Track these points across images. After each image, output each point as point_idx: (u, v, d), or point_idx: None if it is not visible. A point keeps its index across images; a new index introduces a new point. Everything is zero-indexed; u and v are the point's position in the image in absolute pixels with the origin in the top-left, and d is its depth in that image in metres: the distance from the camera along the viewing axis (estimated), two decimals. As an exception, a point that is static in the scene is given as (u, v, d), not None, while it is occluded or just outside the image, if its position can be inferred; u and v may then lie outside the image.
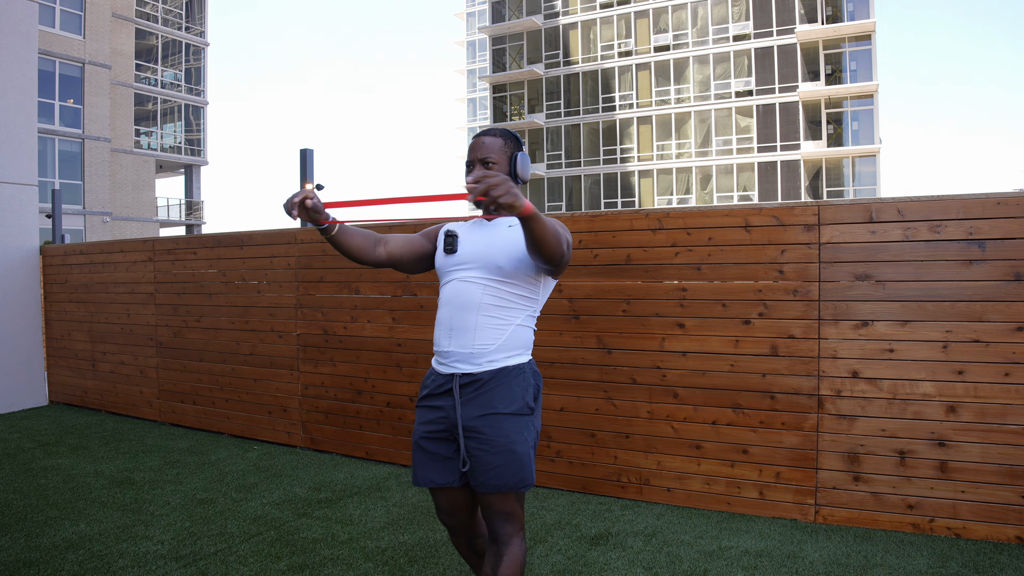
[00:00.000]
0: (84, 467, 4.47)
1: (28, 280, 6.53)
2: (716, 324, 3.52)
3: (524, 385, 2.02)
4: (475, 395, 1.99)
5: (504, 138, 2.11)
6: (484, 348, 1.99)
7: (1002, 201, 3.03)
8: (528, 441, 2.01)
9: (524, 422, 2.00)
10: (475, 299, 2.01)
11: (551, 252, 1.83)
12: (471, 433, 1.98)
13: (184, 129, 31.96)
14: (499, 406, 1.97)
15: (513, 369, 2.01)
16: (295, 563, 2.98)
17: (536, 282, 2.06)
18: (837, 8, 30.53)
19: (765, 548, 3.06)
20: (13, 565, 2.96)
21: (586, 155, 35.04)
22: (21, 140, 6.38)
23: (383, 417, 4.50)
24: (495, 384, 1.98)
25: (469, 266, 2.05)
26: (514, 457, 1.97)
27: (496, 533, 2.03)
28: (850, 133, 30.63)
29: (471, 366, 1.99)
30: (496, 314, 2.00)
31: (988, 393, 3.04)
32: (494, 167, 2.06)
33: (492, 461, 1.96)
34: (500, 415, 1.97)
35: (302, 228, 4.92)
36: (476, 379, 1.99)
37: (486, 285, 2.01)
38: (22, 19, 6.45)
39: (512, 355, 2.02)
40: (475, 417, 1.98)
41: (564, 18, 35.54)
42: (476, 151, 2.09)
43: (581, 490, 3.86)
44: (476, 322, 1.99)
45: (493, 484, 1.96)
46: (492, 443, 1.96)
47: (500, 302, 2.01)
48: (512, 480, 1.97)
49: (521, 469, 1.98)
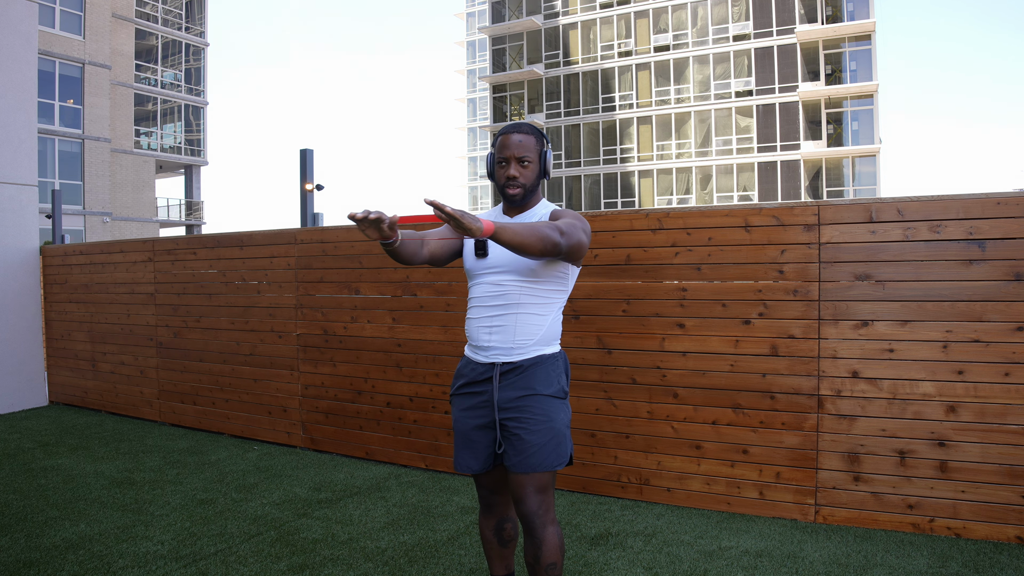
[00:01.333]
0: (84, 467, 4.47)
1: (28, 280, 6.53)
2: (716, 324, 3.52)
3: (559, 371, 2.15)
4: (515, 379, 2.11)
5: (535, 136, 2.19)
6: (525, 343, 2.12)
7: (1002, 201, 3.03)
8: (564, 420, 2.14)
9: (561, 404, 2.14)
10: (513, 300, 2.12)
11: (538, 253, 1.93)
12: (512, 414, 2.10)
13: (184, 129, 31.97)
14: (539, 388, 2.10)
15: (549, 357, 2.14)
16: (295, 563, 2.98)
17: (565, 274, 2.17)
18: (837, 8, 30.53)
19: (765, 548, 3.06)
20: (13, 565, 2.96)
21: (586, 155, 35.04)
22: (21, 140, 6.38)
23: (383, 417, 4.50)
24: (533, 370, 2.11)
25: (501, 269, 2.14)
26: (553, 434, 2.08)
27: (530, 523, 2.10)
28: (850, 133, 30.63)
29: (512, 356, 2.12)
30: (534, 311, 2.13)
31: (988, 393, 3.04)
32: (529, 166, 2.16)
33: (533, 440, 2.07)
34: (540, 395, 2.09)
35: (302, 228, 4.92)
36: (517, 366, 2.12)
37: (522, 286, 2.12)
38: (22, 19, 6.45)
39: (549, 345, 2.16)
40: (516, 398, 2.10)
41: (564, 18, 35.54)
42: (511, 149, 2.15)
43: (581, 490, 3.86)
44: (516, 320, 2.12)
45: (533, 463, 2.06)
46: (533, 421, 2.08)
47: (537, 299, 2.13)
48: (551, 457, 2.08)
49: (559, 446, 2.10)
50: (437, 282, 4.29)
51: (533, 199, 2.22)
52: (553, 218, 2.14)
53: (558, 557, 2.11)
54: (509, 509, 2.29)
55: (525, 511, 2.10)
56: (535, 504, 2.08)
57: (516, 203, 2.18)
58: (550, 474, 2.10)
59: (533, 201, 2.22)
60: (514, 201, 2.17)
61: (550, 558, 2.09)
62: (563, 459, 2.11)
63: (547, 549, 2.09)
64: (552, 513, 2.12)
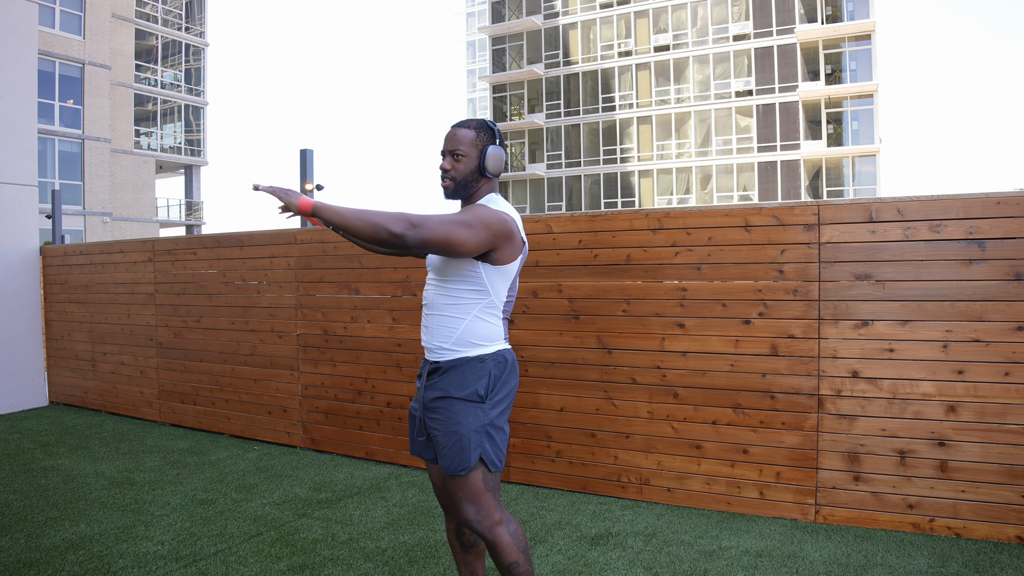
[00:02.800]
0: (84, 467, 4.47)
1: (28, 281, 6.53)
2: (716, 324, 3.52)
3: (478, 375, 2.09)
4: (436, 380, 2.13)
5: (478, 130, 2.14)
6: (442, 344, 2.11)
7: (1002, 201, 3.03)
8: (471, 425, 2.06)
9: (473, 408, 2.08)
10: (430, 300, 2.16)
11: (369, 238, 1.91)
12: (429, 415, 2.13)
13: (184, 129, 31.95)
14: (451, 391, 2.08)
15: (473, 359, 2.09)
16: (295, 563, 2.98)
17: (476, 273, 2.09)
18: (837, 8, 30.52)
19: (765, 548, 3.06)
20: (13, 565, 2.96)
21: (586, 155, 35.03)
22: (21, 140, 6.38)
23: (383, 417, 4.50)
24: (452, 372, 2.10)
25: (429, 267, 2.20)
26: (457, 438, 2.05)
27: (475, 529, 2.07)
28: (850, 133, 30.62)
29: (435, 356, 2.15)
30: (448, 312, 2.11)
31: (988, 393, 3.04)
32: (462, 159, 2.12)
33: (441, 442, 2.08)
34: (451, 398, 2.08)
35: (302, 228, 4.92)
36: (438, 367, 2.14)
37: (436, 286, 2.15)
38: (22, 19, 6.45)
39: (471, 347, 2.10)
40: (433, 399, 2.12)
41: (564, 18, 35.53)
42: (447, 142, 2.15)
43: (581, 490, 3.86)
44: (433, 322, 2.14)
45: (443, 465, 2.08)
46: (441, 423, 2.08)
47: (449, 300, 2.11)
48: (453, 461, 2.05)
49: (461, 451, 2.05)
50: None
51: (475, 196, 2.15)
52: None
53: (517, 555, 2.04)
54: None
55: (464, 519, 2.07)
56: (471, 512, 2.05)
57: (449, 197, 2.14)
58: (479, 476, 2.05)
59: (475, 198, 2.15)
60: (447, 195, 2.13)
61: (508, 558, 2.04)
62: (465, 464, 2.03)
63: (502, 551, 2.04)
64: (495, 515, 2.06)
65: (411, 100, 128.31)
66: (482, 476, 2.06)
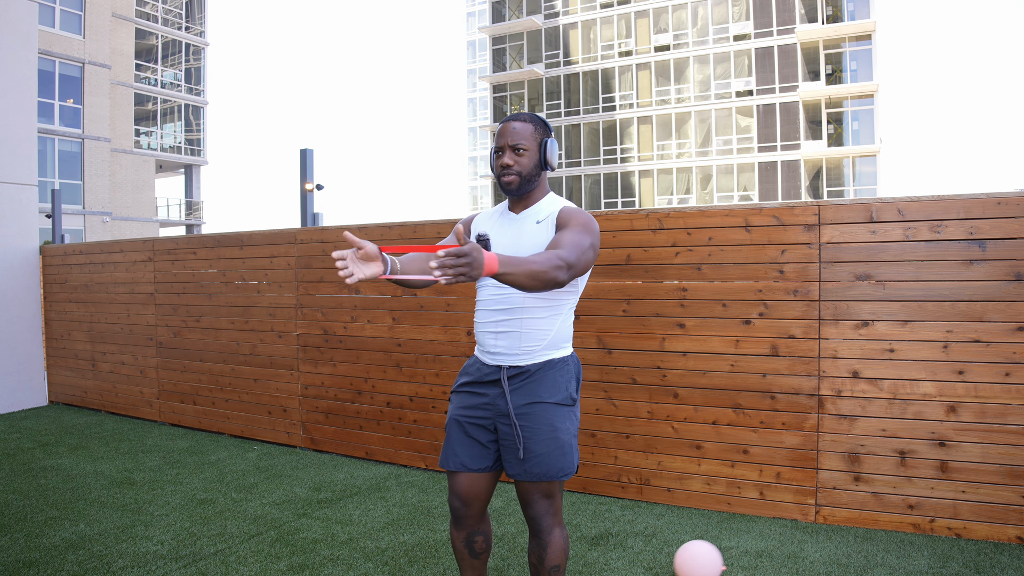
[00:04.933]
0: (84, 467, 4.47)
1: (28, 280, 6.53)
2: (716, 324, 3.52)
3: (568, 376, 2.08)
4: (521, 384, 2.05)
5: (535, 123, 2.09)
6: (532, 348, 2.05)
7: (1002, 201, 3.02)
8: (571, 430, 2.07)
9: (567, 412, 2.06)
10: (517, 304, 2.04)
11: (536, 289, 1.79)
12: (521, 421, 2.04)
13: (184, 129, 31.95)
14: (544, 396, 2.03)
15: (558, 361, 2.07)
16: (295, 563, 2.98)
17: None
18: (837, 8, 30.52)
19: (765, 548, 3.05)
20: (13, 565, 2.96)
21: (586, 155, 35.03)
22: (21, 140, 6.38)
23: (383, 417, 4.50)
24: (541, 375, 2.04)
25: None
26: (557, 444, 2.02)
27: (537, 525, 2.08)
28: (850, 133, 30.62)
29: (520, 360, 2.05)
30: (540, 315, 2.04)
31: (988, 393, 3.04)
32: (524, 154, 2.06)
33: (536, 449, 2.01)
34: (545, 404, 2.03)
35: (302, 228, 4.91)
36: (524, 371, 2.05)
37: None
38: (22, 19, 6.45)
39: (557, 349, 2.08)
40: (521, 405, 2.04)
41: (564, 18, 35.53)
42: (507, 136, 2.07)
43: (581, 490, 3.86)
44: (521, 326, 2.04)
45: (536, 472, 2.01)
46: (537, 430, 2.02)
47: (542, 303, 2.05)
48: (555, 467, 2.02)
49: (563, 457, 2.04)
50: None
51: (536, 192, 2.11)
52: (561, 223, 2.02)
53: (562, 560, 2.09)
54: (480, 523, 2.20)
55: (533, 514, 2.08)
56: (543, 508, 2.07)
57: (513, 193, 2.07)
58: (557, 482, 2.07)
59: (537, 194, 2.11)
60: (511, 191, 2.06)
61: (554, 560, 2.07)
62: (568, 469, 2.04)
63: (552, 552, 2.07)
64: (560, 516, 2.10)
65: (411, 100, 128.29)
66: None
